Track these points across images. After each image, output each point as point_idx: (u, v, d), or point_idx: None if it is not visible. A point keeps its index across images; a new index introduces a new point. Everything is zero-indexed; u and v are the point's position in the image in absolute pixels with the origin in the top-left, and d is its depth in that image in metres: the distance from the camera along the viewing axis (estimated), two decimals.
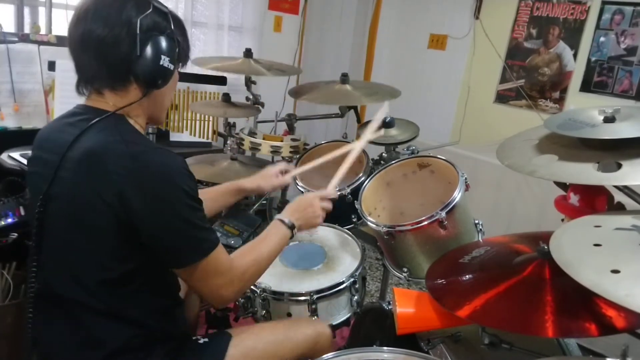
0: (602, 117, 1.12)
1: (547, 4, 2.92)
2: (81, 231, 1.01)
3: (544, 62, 2.96)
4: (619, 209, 1.18)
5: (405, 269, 1.54)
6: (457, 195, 1.44)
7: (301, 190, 1.89)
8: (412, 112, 2.36)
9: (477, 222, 1.57)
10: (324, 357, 1.12)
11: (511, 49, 3.11)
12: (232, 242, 1.74)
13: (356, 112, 2.36)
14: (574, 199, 1.20)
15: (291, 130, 2.37)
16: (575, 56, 2.82)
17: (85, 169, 0.99)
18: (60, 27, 2.51)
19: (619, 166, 1.01)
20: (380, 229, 1.50)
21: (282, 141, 2.08)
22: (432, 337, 1.27)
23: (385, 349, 1.15)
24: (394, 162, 1.73)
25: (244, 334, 1.24)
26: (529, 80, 3.04)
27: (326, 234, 1.74)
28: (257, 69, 2.13)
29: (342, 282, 1.46)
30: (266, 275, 1.49)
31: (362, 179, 1.80)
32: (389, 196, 1.74)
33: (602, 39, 2.70)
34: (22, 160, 1.90)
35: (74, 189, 1.00)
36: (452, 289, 1.18)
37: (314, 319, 1.40)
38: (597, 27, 2.71)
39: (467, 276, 1.19)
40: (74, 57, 1.05)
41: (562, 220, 1.23)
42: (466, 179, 1.52)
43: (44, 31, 2.39)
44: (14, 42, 2.11)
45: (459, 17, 3.31)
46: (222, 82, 2.74)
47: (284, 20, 3.61)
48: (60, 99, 2.09)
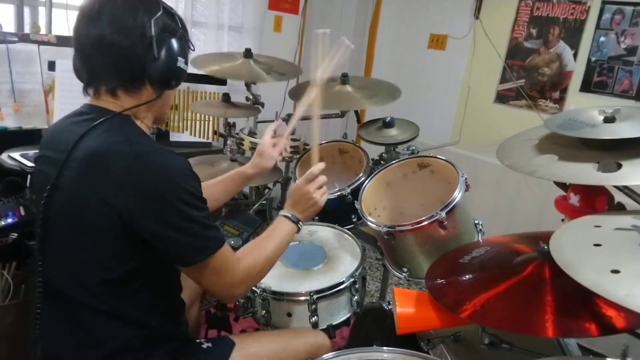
0: (602, 117, 1.12)
1: (547, 3, 2.92)
2: (82, 231, 1.01)
3: (544, 62, 2.96)
4: (619, 209, 1.18)
5: (405, 269, 1.54)
6: (457, 195, 1.44)
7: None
8: (412, 112, 2.36)
9: (477, 222, 1.57)
10: (324, 357, 1.12)
11: (511, 49, 3.11)
12: (232, 242, 1.74)
13: (356, 113, 2.36)
14: (574, 199, 1.20)
15: None
16: (575, 56, 2.82)
17: (87, 169, 0.99)
18: (60, 27, 2.50)
19: (619, 166, 1.01)
20: (380, 229, 1.50)
21: None
22: (432, 337, 1.27)
23: (385, 349, 1.15)
24: (394, 162, 1.73)
25: (247, 340, 1.25)
26: (529, 80, 3.04)
27: (326, 234, 1.75)
28: (256, 73, 2.13)
29: (342, 282, 1.46)
30: (266, 275, 1.50)
31: (362, 179, 1.80)
32: (389, 196, 1.74)
33: (602, 39, 2.70)
34: (22, 160, 1.90)
35: (76, 188, 1.00)
36: (452, 289, 1.18)
37: (315, 330, 1.40)
38: (597, 27, 2.71)
39: (467, 276, 1.19)
40: (83, 58, 1.05)
41: (562, 220, 1.23)
42: (466, 179, 1.52)
43: (44, 31, 2.39)
44: (14, 42, 2.11)
45: (459, 17, 3.31)
46: (222, 82, 2.73)
47: (284, 20, 3.61)
48: (60, 99, 2.09)
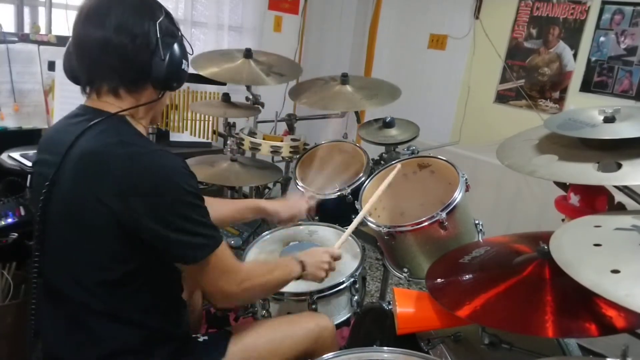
0: (602, 117, 1.12)
1: (547, 4, 2.92)
2: (80, 232, 1.01)
3: (544, 62, 2.96)
4: (619, 209, 1.18)
5: (405, 269, 1.54)
6: (458, 195, 1.44)
7: (301, 190, 1.89)
8: (412, 112, 2.36)
9: (477, 222, 1.57)
10: (324, 357, 1.12)
11: (511, 49, 3.11)
12: (232, 242, 1.75)
13: (356, 113, 2.36)
14: (574, 199, 1.20)
15: (291, 130, 2.37)
16: (575, 56, 2.82)
17: (83, 170, 0.99)
18: (60, 27, 2.50)
19: (619, 166, 1.01)
20: (380, 229, 1.50)
21: (282, 141, 2.08)
22: (432, 337, 1.27)
23: (385, 349, 1.14)
24: (394, 162, 1.73)
25: (244, 331, 1.24)
26: (529, 80, 3.04)
27: (326, 234, 1.75)
28: (256, 75, 2.12)
29: (342, 282, 1.46)
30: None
31: (362, 179, 1.80)
32: (389, 196, 1.74)
33: (602, 39, 2.70)
34: (22, 160, 1.90)
35: (73, 189, 1.00)
36: (452, 289, 1.18)
37: (315, 313, 1.40)
38: (597, 27, 2.71)
39: (467, 276, 1.19)
40: (83, 57, 1.05)
41: (562, 220, 1.23)
42: (466, 179, 1.52)
43: (43, 31, 2.39)
44: (14, 42, 2.11)
45: (459, 17, 3.31)
46: (222, 82, 2.73)
47: (284, 20, 3.61)
48: (60, 99, 2.09)
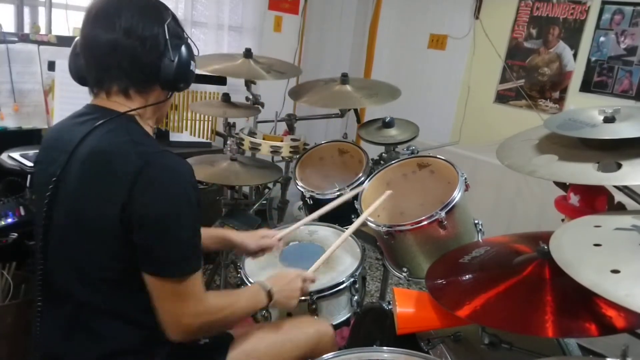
0: (602, 117, 1.12)
1: (547, 4, 2.92)
2: (84, 230, 1.01)
3: (544, 62, 2.96)
4: (619, 209, 1.18)
5: (405, 269, 1.54)
6: (457, 195, 1.44)
7: (301, 190, 1.89)
8: (412, 112, 2.36)
9: (477, 222, 1.57)
10: (324, 357, 1.12)
11: (511, 49, 3.11)
12: None
13: (356, 113, 2.36)
14: (574, 199, 1.20)
15: (291, 130, 2.37)
16: (575, 56, 2.82)
17: (90, 168, 0.99)
18: (60, 27, 2.50)
19: (619, 166, 1.01)
20: (380, 229, 1.50)
21: (282, 141, 2.08)
22: (432, 337, 1.27)
23: (385, 349, 1.15)
24: (393, 162, 1.73)
25: (245, 335, 1.24)
26: (529, 80, 3.04)
27: (326, 234, 1.74)
28: (256, 72, 2.13)
29: (342, 282, 1.46)
30: (266, 275, 1.50)
31: (362, 179, 1.80)
32: (389, 196, 1.74)
33: (602, 39, 2.70)
34: (22, 160, 1.90)
35: (78, 187, 1.01)
36: (452, 289, 1.18)
37: (315, 318, 1.40)
38: (597, 27, 2.71)
39: (467, 276, 1.19)
40: (92, 58, 1.05)
41: (562, 220, 1.23)
42: (466, 179, 1.52)
43: (43, 31, 2.39)
44: (14, 42, 2.11)
45: (459, 17, 3.31)
46: (222, 82, 2.73)
47: (284, 20, 3.60)
48: (60, 99, 2.09)
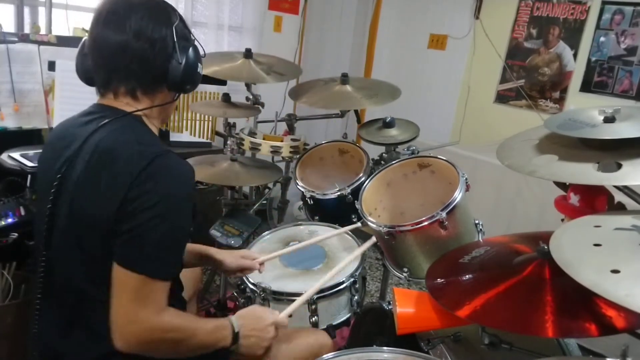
0: (602, 117, 1.11)
1: (547, 4, 2.92)
2: (85, 226, 1.01)
3: (544, 62, 2.96)
4: (619, 209, 1.18)
5: (405, 269, 1.53)
6: (458, 195, 1.44)
7: (301, 190, 1.89)
8: (412, 112, 2.36)
9: (477, 222, 1.57)
10: (324, 357, 1.12)
11: (511, 49, 3.11)
12: (232, 242, 1.74)
13: (356, 113, 2.36)
14: (574, 199, 1.20)
15: (291, 130, 2.37)
16: (575, 56, 2.82)
17: (95, 165, 1.00)
18: (60, 27, 2.50)
19: (619, 166, 1.01)
20: (380, 229, 1.50)
21: (282, 141, 2.08)
22: (432, 337, 1.27)
23: (385, 349, 1.15)
24: (394, 162, 1.73)
25: None
26: (529, 80, 3.04)
27: (326, 234, 1.74)
28: (256, 74, 2.13)
29: (342, 282, 1.46)
30: (266, 275, 1.50)
31: (363, 179, 1.80)
32: (389, 196, 1.74)
33: (602, 39, 2.70)
34: (22, 160, 1.90)
35: (81, 183, 1.01)
36: (452, 289, 1.18)
37: (316, 330, 1.40)
38: (597, 27, 2.71)
39: (467, 276, 1.19)
40: (100, 58, 1.06)
41: (562, 220, 1.23)
42: (466, 179, 1.52)
43: (44, 31, 2.39)
44: (14, 42, 2.11)
45: (459, 17, 3.31)
46: (222, 82, 2.73)
47: (284, 20, 3.60)
48: (60, 99, 2.09)
